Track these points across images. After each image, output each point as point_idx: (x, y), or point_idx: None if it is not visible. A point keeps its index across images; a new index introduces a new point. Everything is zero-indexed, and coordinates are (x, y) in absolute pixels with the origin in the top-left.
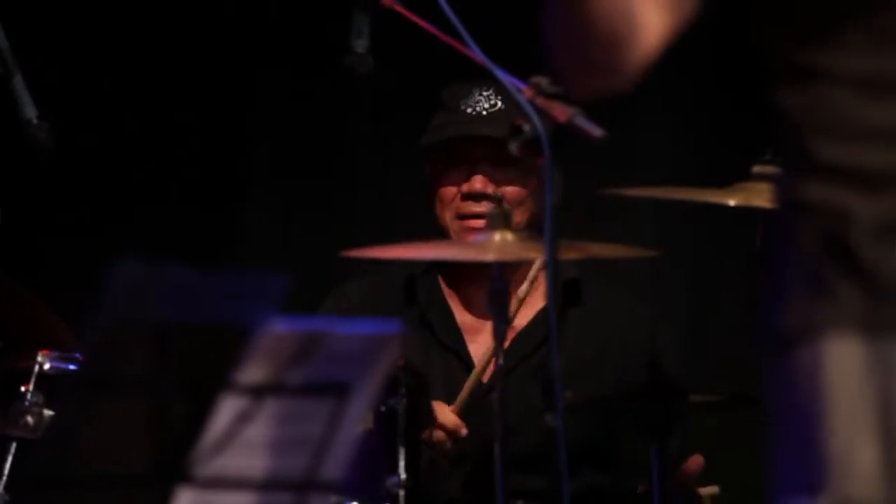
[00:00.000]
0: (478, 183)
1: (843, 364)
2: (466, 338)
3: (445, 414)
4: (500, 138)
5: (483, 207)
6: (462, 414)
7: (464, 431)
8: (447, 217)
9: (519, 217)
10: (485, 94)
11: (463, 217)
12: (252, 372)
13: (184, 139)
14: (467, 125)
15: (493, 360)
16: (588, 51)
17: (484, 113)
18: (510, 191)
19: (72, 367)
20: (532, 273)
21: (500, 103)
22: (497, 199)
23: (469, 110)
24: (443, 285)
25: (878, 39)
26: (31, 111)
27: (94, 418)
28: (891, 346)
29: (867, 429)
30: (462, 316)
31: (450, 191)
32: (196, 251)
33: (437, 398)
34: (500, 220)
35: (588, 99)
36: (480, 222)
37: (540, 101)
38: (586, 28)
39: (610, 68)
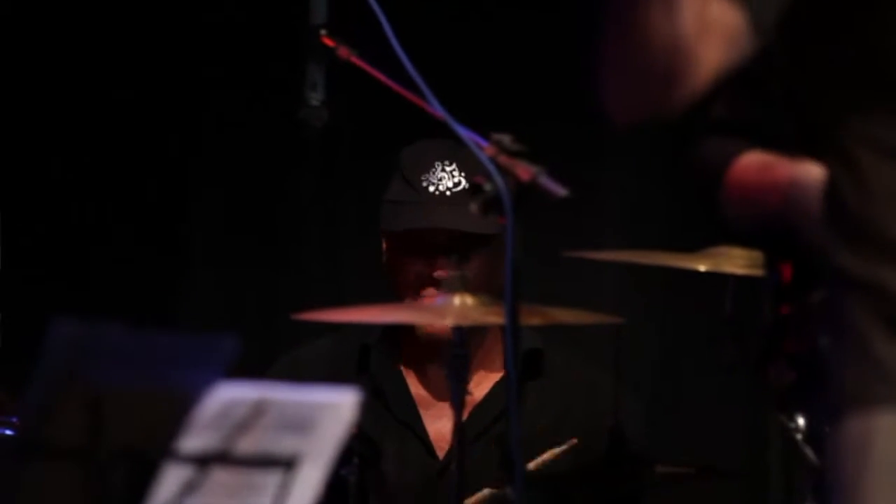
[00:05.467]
0: (441, 272)
1: (892, 439)
2: (422, 412)
3: None
4: (465, 232)
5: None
6: None
7: None
8: (407, 298)
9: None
10: (447, 169)
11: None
12: (197, 440)
13: (125, 194)
14: (430, 211)
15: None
16: (640, 81)
17: (448, 193)
18: (474, 271)
19: (7, 431)
20: None
21: (463, 181)
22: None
23: (431, 188)
24: (398, 357)
25: None
26: None
27: (28, 486)
28: None
29: None
30: (417, 390)
31: (410, 275)
32: (137, 312)
33: (390, 475)
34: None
35: (632, 125)
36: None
37: (502, 159)
38: (641, 60)
39: (660, 100)
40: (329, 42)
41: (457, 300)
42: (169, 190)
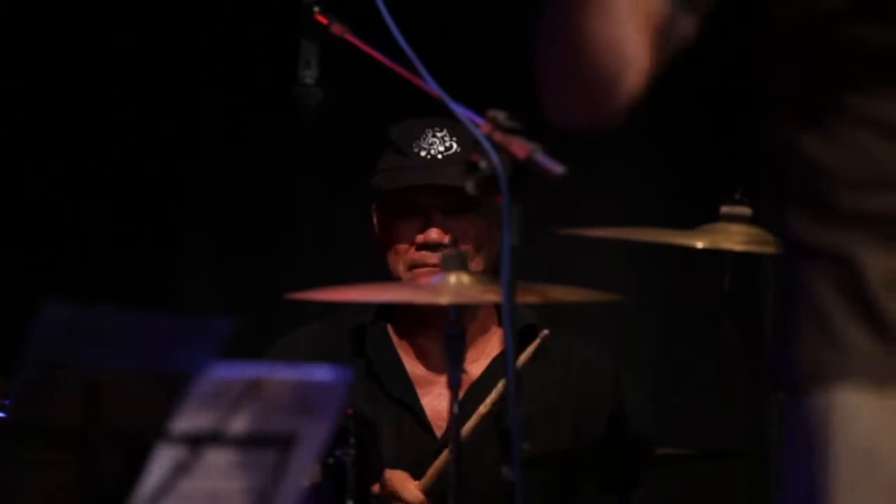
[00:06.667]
0: (434, 234)
1: (852, 416)
2: (419, 391)
3: (409, 490)
4: (457, 186)
5: (438, 258)
6: (428, 491)
7: None
8: (399, 267)
9: (477, 265)
10: (438, 134)
11: (417, 266)
12: (190, 420)
13: (118, 178)
14: (422, 171)
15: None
16: (578, 87)
17: (439, 157)
18: (467, 236)
19: (1, 414)
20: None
21: (455, 145)
22: (452, 240)
23: (423, 153)
24: (393, 336)
25: None
26: None
27: (20, 469)
28: None
29: (874, 488)
30: (414, 368)
31: (403, 240)
32: (132, 294)
33: (388, 455)
34: (455, 261)
35: (572, 133)
36: (435, 272)
37: (498, 136)
38: (577, 65)
39: (599, 105)
40: (322, 19)
41: (453, 278)
42: (166, 175)
